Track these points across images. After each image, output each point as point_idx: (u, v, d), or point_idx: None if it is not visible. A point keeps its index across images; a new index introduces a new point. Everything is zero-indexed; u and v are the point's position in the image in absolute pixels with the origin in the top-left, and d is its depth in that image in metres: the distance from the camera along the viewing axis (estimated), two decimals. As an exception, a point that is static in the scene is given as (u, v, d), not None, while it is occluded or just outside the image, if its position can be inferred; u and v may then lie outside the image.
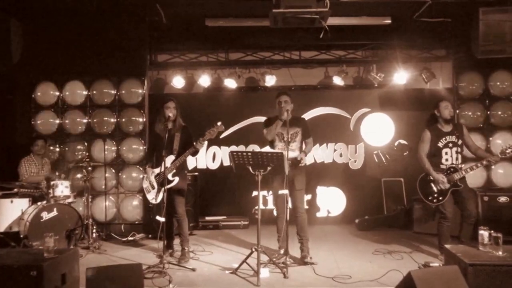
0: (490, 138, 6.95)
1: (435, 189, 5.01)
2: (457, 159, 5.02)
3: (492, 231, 3.78)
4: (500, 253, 3.63)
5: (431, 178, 5.02)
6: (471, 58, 6.57)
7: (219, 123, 4.87)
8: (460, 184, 4.95)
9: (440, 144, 5.05)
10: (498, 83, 6.99)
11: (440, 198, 4.98)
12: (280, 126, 5.00)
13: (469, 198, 5.03)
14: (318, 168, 7.52)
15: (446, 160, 5.03)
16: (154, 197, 5.13)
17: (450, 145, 5.04)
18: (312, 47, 7.62)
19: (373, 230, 6.93)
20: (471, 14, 6.21)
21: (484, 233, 3.80)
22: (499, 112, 7.00)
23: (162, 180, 4.96)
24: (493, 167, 6.90)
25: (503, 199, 5.95)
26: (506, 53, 6.12)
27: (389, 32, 7.07)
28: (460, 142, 5.05)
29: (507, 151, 4.82)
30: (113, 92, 7.17)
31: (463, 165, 5.03)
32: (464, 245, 4.17)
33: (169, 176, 5.01)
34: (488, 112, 7.04)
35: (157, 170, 5.17)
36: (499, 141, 6.84)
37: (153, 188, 5.16)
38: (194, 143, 4.95)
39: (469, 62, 6.85)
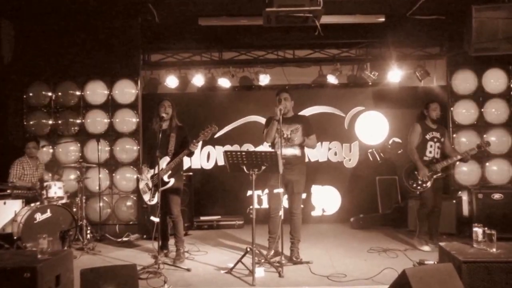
0: (484, 136, 6.96)
1: (419, 177, 5.47)
2: (437, 153, 5.57)
3: (486, 228, 3.79)
4: (494, 250, 3.65)
5: (417, 168, 5.48)
6: (465, 55, 6.56)
7: (213, 125, 4.86)
8: (440, 172, 5.49)
9: (427, 137, 5.59)
10: (492, 81, 7.03)
11: (424, 185, 5.46)
12: (277, 126, 4.96)
13: (438, 190, 5.58)
14: (313, 167, 7.48)
15: (430, 152, 5.56)
16: (150, 198, 5.10)
17: (435, 140, 5.59)
18: (306, 46, 7.60)
19: (368, 228, 6.94)
20: (464, 12, 6.21)
21: (478, 230, 3.81)
22: (493, 110, 7.03)
23: (157, 182, 4.91)
24: (487, 164, 6.96)
25: (497, 196, 5.99)
26: (499, 51, 6.12)
27: (382, 30, 7.07)
28: (442, 139, 5.57)
29: (483, 144, 5.49)
30: (106, 92, 7.13)
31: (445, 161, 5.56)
32: (458, 243, 4.17)
33: (165, 177, 4.98)
34: (482, 110, 7.07)
35: (153, 171, 5.12)
36: (493, 138, 6.88)
37: (149, 189, 5.12)
38: (189, 146, 4.91)
39: (463, 59, 6.89)
